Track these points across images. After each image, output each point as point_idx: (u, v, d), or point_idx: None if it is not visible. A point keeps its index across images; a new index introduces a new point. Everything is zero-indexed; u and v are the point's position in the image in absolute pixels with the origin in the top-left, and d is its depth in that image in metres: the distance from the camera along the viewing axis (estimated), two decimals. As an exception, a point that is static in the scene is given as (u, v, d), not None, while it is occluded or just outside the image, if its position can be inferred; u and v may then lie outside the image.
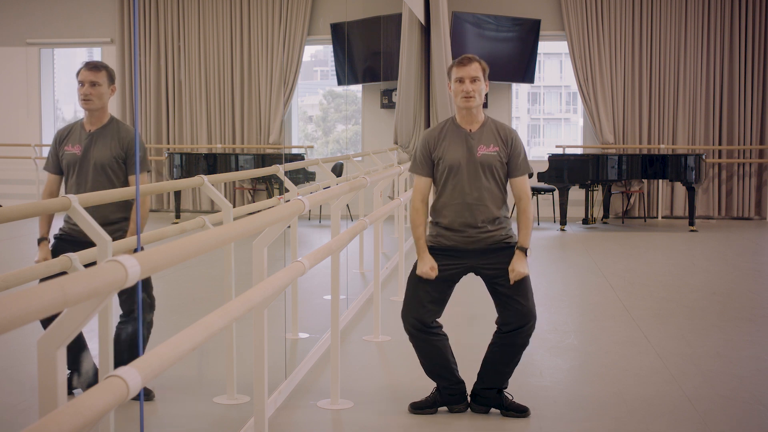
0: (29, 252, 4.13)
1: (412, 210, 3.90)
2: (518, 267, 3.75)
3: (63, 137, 4.06)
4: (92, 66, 3.95)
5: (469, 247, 3.83)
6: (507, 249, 3.85)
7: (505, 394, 3.90)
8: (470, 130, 3.85)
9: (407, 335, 3.93)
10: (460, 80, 3.78)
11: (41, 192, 4.11)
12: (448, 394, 3.90)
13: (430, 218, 4.00)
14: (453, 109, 3.98)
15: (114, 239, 3.84)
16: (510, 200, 3.92)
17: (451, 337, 4.00)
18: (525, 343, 3.84)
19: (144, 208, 3.99)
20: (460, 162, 3.81)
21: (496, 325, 3.88)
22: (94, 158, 3.97)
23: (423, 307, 3.82)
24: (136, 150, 2.96)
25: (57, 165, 4.07)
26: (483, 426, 3.77)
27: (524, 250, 3.79)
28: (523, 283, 3.82)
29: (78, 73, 3.96)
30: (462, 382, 3.93)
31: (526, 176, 3.91)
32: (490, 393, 3.89)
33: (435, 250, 3.87)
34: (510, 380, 4.02)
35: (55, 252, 4.00)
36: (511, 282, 3.76)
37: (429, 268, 3.78)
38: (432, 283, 3.82)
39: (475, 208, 3.82)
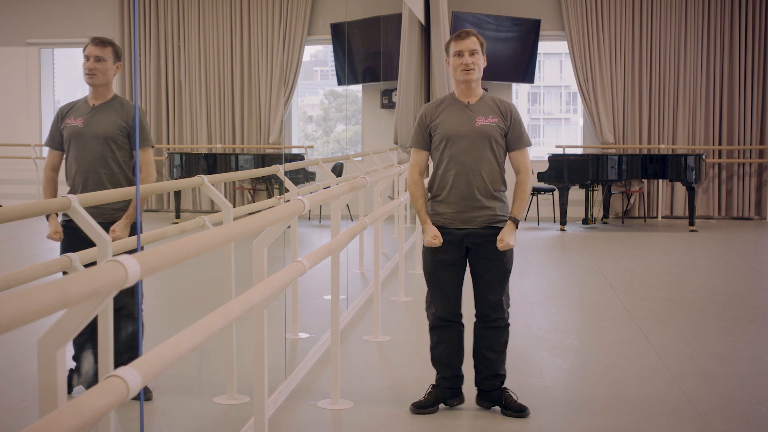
0: (29, 252, 4.13)
1: (410, 183, 3.91)
2: (507, 238, 3.75)
3: (65, 112, 4.06)
4: (99, 41, 3.94)
5: (464, 226, 3.83)
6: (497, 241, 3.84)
7: (509, 392, 3.90)
8: (468, 102, 3.86)
9: (429, 325, 3.97)
10: (459, 54, 3.78)
11: (42, 173, 4.12)
12: (446, 387, 3.93)
13: (427, 200, 4.02)
14: (452, 84, 3.98)
15: (113, 220, 3.86)
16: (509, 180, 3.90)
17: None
18: (499, 327, 3.88)
19: (150, 179, 4.00)
20: (458, 132, 3.81)
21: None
22: (96, 130, 3.97)
23: (447, 297, 3.88)
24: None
25: (59, 140, 4.07)
26: (483, 426, 3.77)
27: (516, 222, 3.79)
28: (500, 275, 3.83)
29: (84, 48, 3.94)
30: (462, 377, 3.97)
31: (526, 150, 3.89)
32: (491, 384, 3.91)
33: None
34: (510, 380, 4.02)
35: (66, 239, 4.01)
36: (499, 249, 3.76)
37: (432, 236, 3.80)
38: (447, 273, 3.86)
39: (473, 180, 3.81)
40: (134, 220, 3.89)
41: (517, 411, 3.85)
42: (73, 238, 3.88)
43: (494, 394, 3.91)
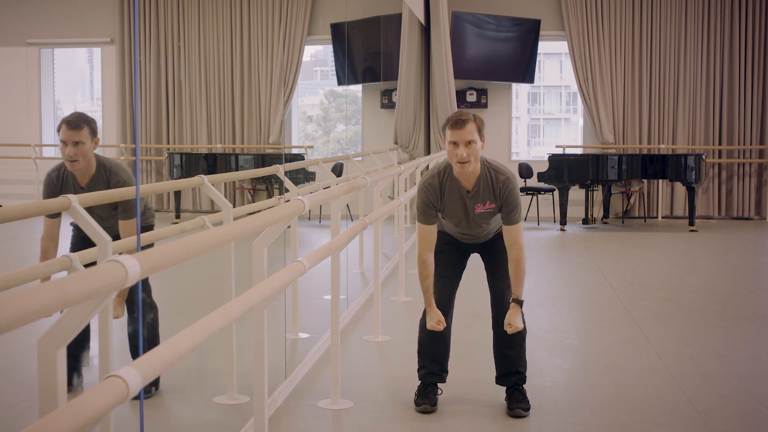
0: (29, 252, 4.13)
1: (420, 262, 3.84)
2: (514, 321, 3.74)
3: (57, 188, 3.94)
4: (74, 125, 3.79)
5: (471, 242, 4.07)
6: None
7: (519, 389, 3.93)
8: (467, 190, 3.83)
9: (422, 321, 4.00)
10: (455, 144, 3.71)
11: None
12: (428, 373, 3.98)
13: None
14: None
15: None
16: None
17: (453, 335, 4.05)
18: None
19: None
20: (460, 219, 3.89)
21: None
22: (95, 214, 3.88)
23: (448, 295, 3.98)
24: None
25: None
26: (483, 426, 3.77)
27: (519, 303, 3.76)
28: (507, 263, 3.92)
29: (59, 129, 3.81)
30: (447, 372, 4.04)
31: (519, 225, 3.83)
32: (510, 381, 3.96)
33: (441, 235, 4.02)
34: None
35: (76, 240, 4.06)
36: (508, 333, 3.79)
37: (435, 322, 3.82)
38: (450, 272, 3.99)
39: (475, 238, 4.02)
40: (127, 296, 3.86)
41: (512, 410, 3.87)
42: (81, 239, 3.90)
43: (512, 393, 3.95)
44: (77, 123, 3.80)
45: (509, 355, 3.96)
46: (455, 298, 4.03)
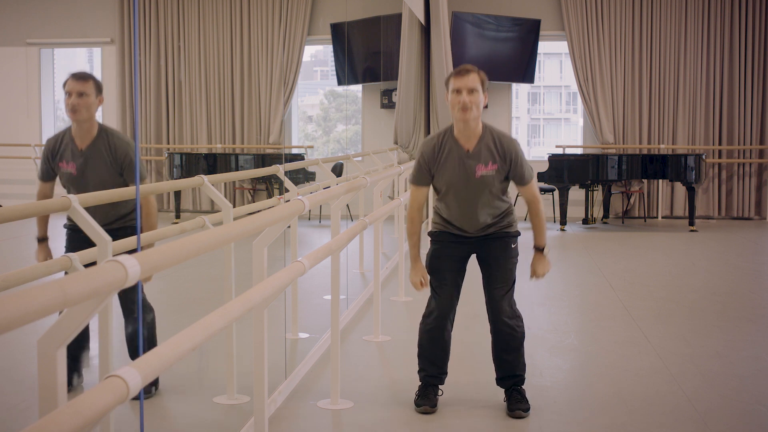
0: (29, 252, 4.13)
1: (408, 220, 3.91)
2: (538, 268, 3.91)
3: (55, 151, 4.01)
4: (79, 76, 3.89)
5: (471, 234, 3.94)
6: (504, 239, 3.96)
7: (517, 392, 3.93)
8: (468, 150, 3.79)
9: (421, 325, 4.01)
10: (457, 91, 3.69)
11: (36, 194, 4.09)
12: (428, 375, 3.98)
13: (433, 205, 4.09)
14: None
15: (120, 235, 3.86)
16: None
17: (453, 336, 4.06)
18: (510, 331, 3.92)
19: (150, 207, 4.00)
20: (458, 183, 3.82)
21: None
22: (91, 179, 3.94)
23: (449, 302, 3.95)
24: (136, 159, 2.88)
25: (51, 175, 4.05)
26: (483, 426, 3.77)
27: (541, 249, 3.91)
28: (507, 268, 3.92)
29: (65, 84, 3.90)
30: (446, 374, 4.03)
31: (533, 182, 3.87)
32: (507, 383, 3.96)
33: (439, 236, 3.97)
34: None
35: (69, 241, 4.07)
36: (535, 278, 3.96)
37: (419, 280, 3.87)
38: (449, 279, 3.94)
39: (476, 216, 3.89)
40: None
41: (512, 411, 3.87)
42: (76, 241, 3.90)
43: (507, 390, 3.96)
44: (83, 75, 3.90)
45: (507, 360, 3.96)
46: (456, 304, 4.01)
